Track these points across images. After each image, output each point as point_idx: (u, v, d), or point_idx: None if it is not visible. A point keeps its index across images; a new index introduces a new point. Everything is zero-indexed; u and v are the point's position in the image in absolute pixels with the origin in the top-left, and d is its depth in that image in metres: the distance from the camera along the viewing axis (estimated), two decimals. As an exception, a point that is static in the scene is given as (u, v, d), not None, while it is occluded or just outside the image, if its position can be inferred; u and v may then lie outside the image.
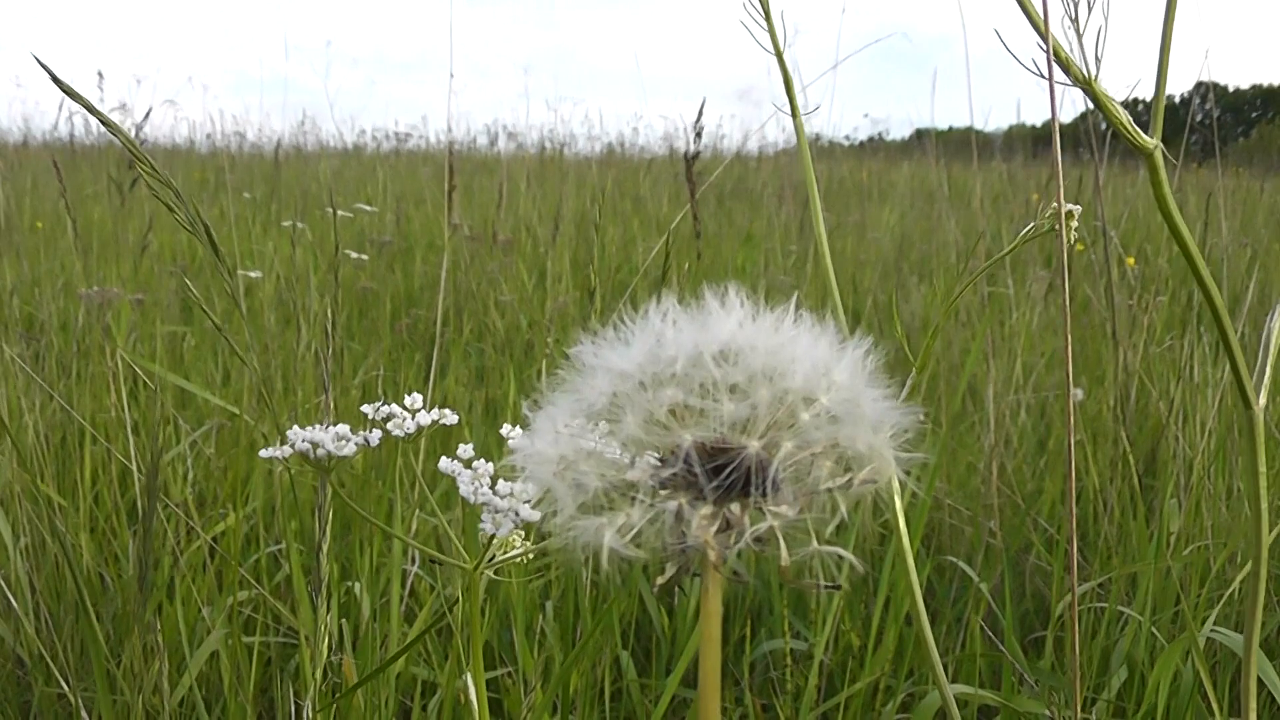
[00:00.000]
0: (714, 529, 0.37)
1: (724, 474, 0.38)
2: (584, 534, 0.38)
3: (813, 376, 0.40)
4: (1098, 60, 0.56)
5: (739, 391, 0.40)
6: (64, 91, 1.06)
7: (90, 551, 1.71)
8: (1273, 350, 0.59)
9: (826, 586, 0.38)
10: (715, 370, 0.40)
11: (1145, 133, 0.59)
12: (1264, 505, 0.57)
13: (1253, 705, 0.60)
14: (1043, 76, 0.58)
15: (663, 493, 0.39)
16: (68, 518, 1.78)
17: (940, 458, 1.89)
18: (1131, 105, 0.64)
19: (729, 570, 0.38)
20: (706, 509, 0.38)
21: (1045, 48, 0.57)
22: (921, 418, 0.41)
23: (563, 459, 0.41)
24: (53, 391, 1.77)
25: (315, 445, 0.64)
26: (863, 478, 0.40)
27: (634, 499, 0.39)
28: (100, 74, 5.65)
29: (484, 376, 2.85)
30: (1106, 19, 0.55)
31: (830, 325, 0.42)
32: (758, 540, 0.37)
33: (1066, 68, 0.57)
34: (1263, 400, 0.58)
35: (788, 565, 0.37)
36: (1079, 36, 0.56)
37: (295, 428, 0.65)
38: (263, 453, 0.66)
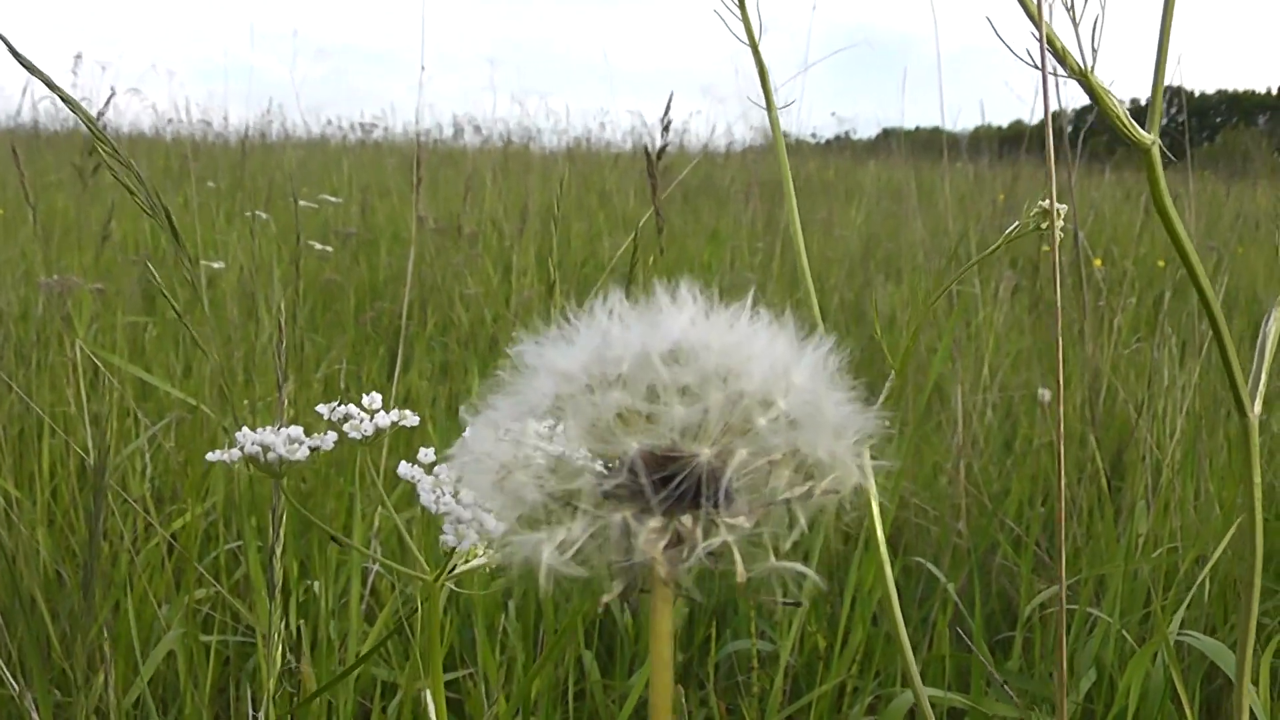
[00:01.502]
0: (663, 543, 0.34)
1: (673, 484, 0.35)
2: (523, 549, 0.35)
3: (770, 378, 0.37)
4: (1094, 51, 0.54)
5: (690, 394, 0.37)
6: (27, 69, 1.03)
7: (48, 547, 1.67)
8: (1268, 356, 0.57)
9: (786, 603, 0.35)
10: (664, 371, 0.37)
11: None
12: (1258, 516, 0.55)
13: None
14: (1037, 67, 0.56)
15: (607, 504, 0.36)
16: (24, 512, 1.75)
17: (906, 458, 1.88)
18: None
19: (679, 587, 0.35)
20: (655, 522, 0.35)
21: (1039, 37, 0.55)
22: (887, 423, 0.39)
23: (503, 466, 0.38)
24: (11, 382, 1.73)
25: (265, 449, 0.62)
26: (824, 487, 0.37)
27: (576, 510, 0.36)
28: (78, 57, 5.56)
29: (448, 371, 2.82)
30: (1104, 7, 0.53)
31: (790, 322, 0.39)
32: (711, 555, 0.34)
33: (1062, 58, 0.55)
34: (1257, 408, 0.56)
35: (744, 581, 0.34)
36: (1075, 26, 0.54)
37: (245, 429, 0.62)
38: (210, 456, 0.63)
